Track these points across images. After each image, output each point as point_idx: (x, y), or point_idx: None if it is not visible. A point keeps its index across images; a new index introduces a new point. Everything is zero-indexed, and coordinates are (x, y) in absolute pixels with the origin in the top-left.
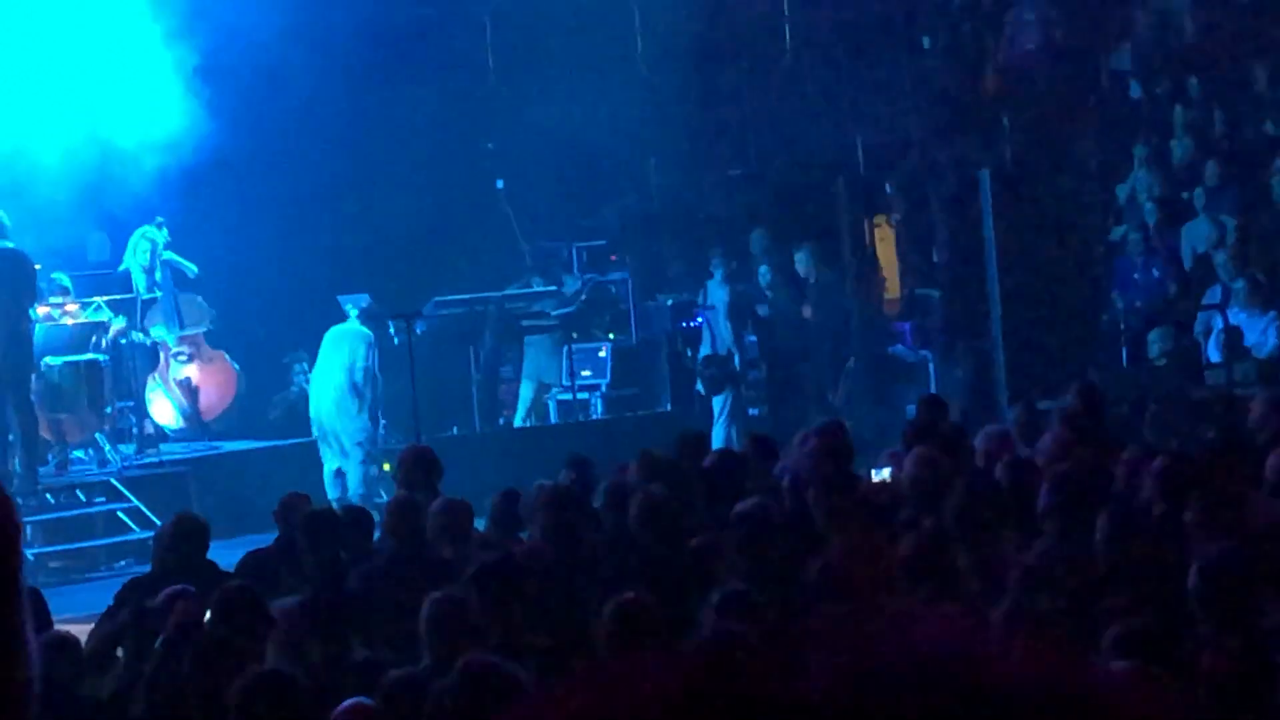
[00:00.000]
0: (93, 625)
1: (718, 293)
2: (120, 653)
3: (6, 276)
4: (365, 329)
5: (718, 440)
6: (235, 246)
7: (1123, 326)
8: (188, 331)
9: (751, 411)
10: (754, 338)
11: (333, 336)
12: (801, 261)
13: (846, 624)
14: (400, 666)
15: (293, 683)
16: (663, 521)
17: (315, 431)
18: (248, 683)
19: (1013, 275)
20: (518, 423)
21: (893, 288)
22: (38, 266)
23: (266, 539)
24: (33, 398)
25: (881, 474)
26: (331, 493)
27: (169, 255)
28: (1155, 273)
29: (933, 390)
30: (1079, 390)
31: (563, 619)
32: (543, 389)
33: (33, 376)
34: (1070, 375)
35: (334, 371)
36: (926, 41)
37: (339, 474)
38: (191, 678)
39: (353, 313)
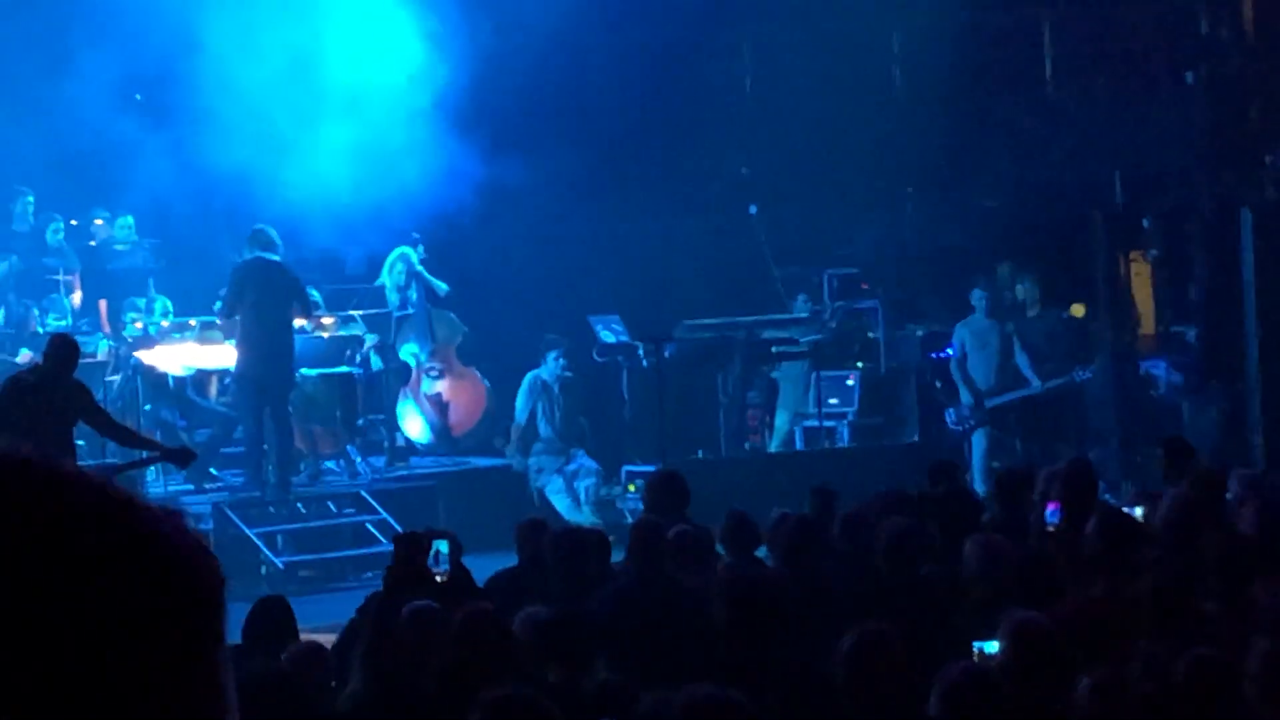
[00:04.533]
0: (338, 635)
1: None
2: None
3: (273, 289)
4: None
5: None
6: (490, 264)
7: None
8: (439, 347)
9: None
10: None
11: None
12: (1024, 292)
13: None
14: (642, 690)
15: (534, 704)
16: (905, 553)
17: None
18: (488, 704)
19: (1271, 315)
20: (772, 450)
21: (1147, 324)
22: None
23: (510, 556)
24: (289, 409)
25: (1134, 513)
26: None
27: (421, 270)
28: None
29: (1184, 429)
30: None
31: (798, 647)
32: (798, 419)
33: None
34: None
35: None
36: (1190, 76)
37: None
38: (433, 696)
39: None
